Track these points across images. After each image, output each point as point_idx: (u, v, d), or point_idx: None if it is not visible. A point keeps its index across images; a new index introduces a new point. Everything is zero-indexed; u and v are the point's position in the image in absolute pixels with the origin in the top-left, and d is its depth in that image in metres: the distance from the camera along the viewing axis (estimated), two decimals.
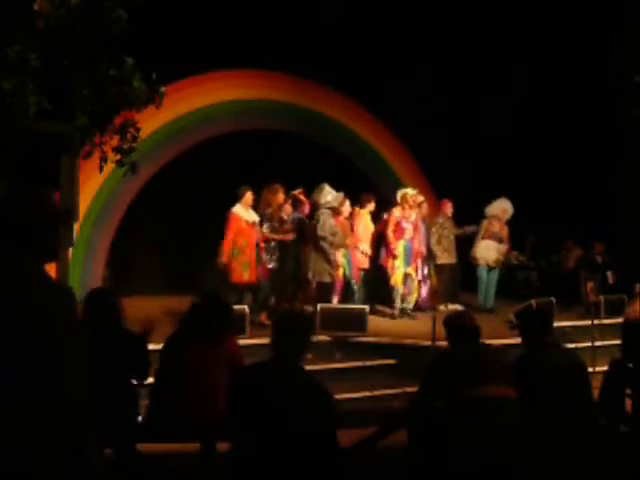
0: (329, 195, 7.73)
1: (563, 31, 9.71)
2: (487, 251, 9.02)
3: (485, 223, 9.08)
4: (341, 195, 7.85)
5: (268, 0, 9.03)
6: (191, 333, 3.92)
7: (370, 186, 9.99)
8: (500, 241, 9.04)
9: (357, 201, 8.54)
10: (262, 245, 7.52)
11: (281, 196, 7.63)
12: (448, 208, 9.25)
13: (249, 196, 7.48)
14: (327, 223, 7.52)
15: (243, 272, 7.32)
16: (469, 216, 9.37)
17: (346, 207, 7.97)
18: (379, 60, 9.90)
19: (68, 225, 1.99)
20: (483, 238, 9.05)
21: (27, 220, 2.00)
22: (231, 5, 8.77)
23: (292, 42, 9.15)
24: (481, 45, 10.18)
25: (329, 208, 7.66)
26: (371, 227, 8.64)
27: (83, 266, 8.16)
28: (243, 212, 7.45)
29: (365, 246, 8.45)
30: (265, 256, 7.52)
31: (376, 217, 8.76)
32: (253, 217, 7.51)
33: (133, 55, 5.40)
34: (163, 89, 5.63)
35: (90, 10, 5.13)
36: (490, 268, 9.01)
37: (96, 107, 5.37)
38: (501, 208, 9.02)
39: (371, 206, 8.60)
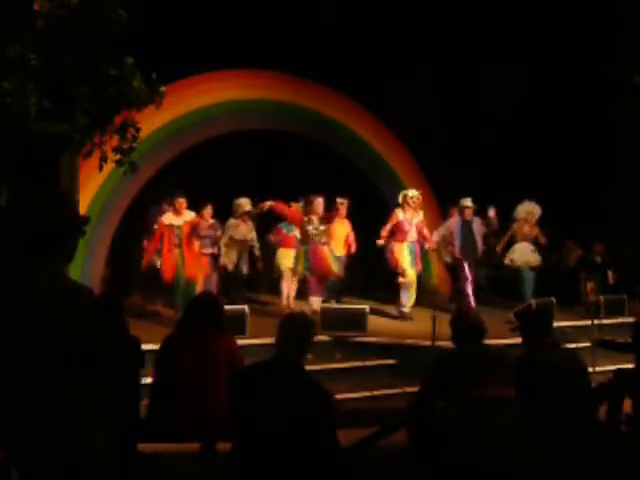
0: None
1: (563, 31, 9.71)
2: (526, 253, 9.02)
3: (515, 226, 9.11)
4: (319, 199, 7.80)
5: (268, 0, 9.03)
6: (187, 332, 3.93)
7: (370, 187, 9.99)
8: (534, 242, 9.04)
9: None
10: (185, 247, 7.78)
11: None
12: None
13: (180, 202, 7.74)
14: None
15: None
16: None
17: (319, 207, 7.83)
18: (379, 60, 9.89)
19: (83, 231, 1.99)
20: (517, 241, 9.06)
21: (50, 222, 2.00)
22: (231, 5, 8.77)
23: (292, 42, 9.15)
24: (481, 45, 10.17)
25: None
26: (343, 231, 8.50)
27: (83, 266, 8.14)
28: (169, 216, 7.76)
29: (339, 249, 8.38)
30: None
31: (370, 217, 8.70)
32: (174, 220, 7.73)
33: (133, 55, 5.40)
34: (163, 89, 5.62)
35: (90, 10, 5.13)
36: (531, 269, 9.01)
37: (96, 107, 5.37)
38: (526, 211, 9.08)
39: (340, 212, 8.42)
